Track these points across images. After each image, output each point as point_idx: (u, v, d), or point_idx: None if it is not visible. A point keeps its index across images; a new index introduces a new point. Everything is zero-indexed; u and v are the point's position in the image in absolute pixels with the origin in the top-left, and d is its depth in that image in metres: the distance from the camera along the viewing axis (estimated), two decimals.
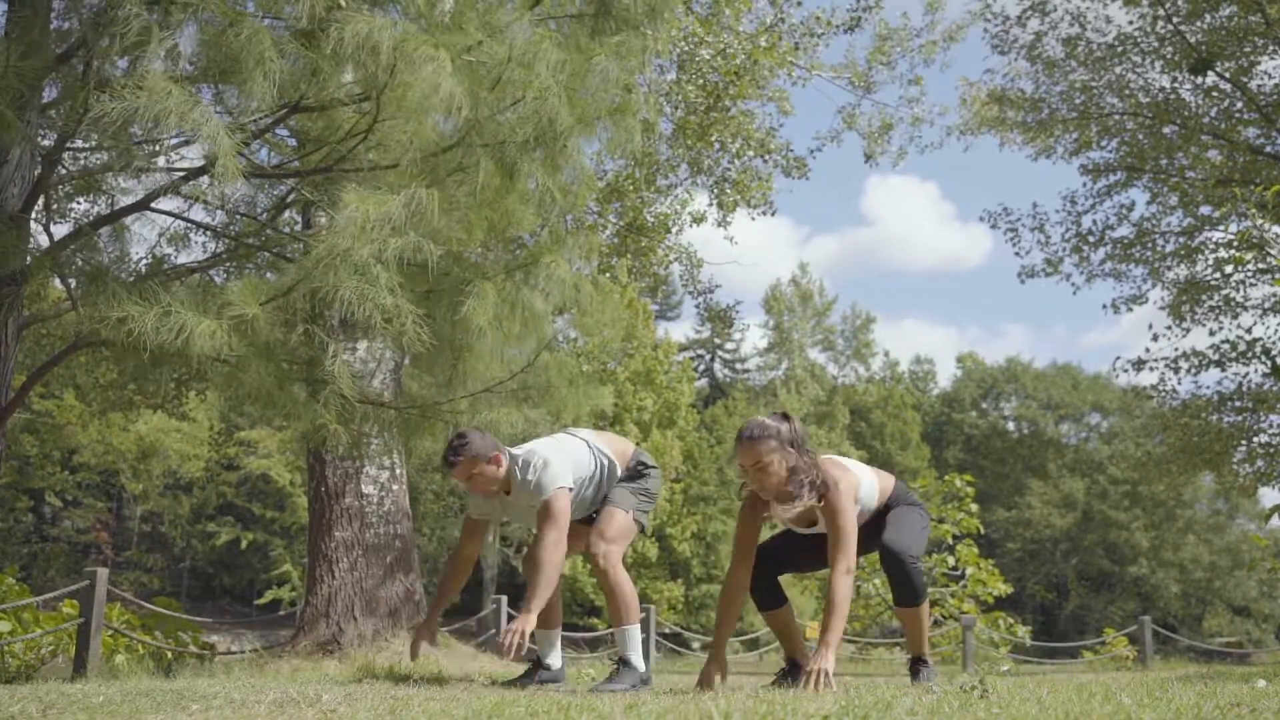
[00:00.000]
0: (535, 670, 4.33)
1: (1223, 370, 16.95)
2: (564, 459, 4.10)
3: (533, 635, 4.46)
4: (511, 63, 4.51)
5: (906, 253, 74.86)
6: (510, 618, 9.95)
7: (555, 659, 4.37)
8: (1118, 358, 32.99)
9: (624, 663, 4.05)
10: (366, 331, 5.31)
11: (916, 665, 3.93)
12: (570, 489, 4.06)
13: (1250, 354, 16.54)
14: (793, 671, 4.03)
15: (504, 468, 4.08)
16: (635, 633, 4.11)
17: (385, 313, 4.18)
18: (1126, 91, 16.78)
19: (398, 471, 7.94)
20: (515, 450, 4.18)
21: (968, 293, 78.38)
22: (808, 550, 4.00)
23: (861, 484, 3.90)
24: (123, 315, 3.85)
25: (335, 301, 4.11)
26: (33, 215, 5.04)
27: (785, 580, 4.21)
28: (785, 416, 3.85)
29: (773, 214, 13.26)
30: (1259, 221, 15.30)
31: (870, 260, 75.83)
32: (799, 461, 3.71)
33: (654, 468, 4.39)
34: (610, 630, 4.16)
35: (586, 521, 4.30)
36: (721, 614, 4.00)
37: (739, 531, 4.01)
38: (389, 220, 4.13)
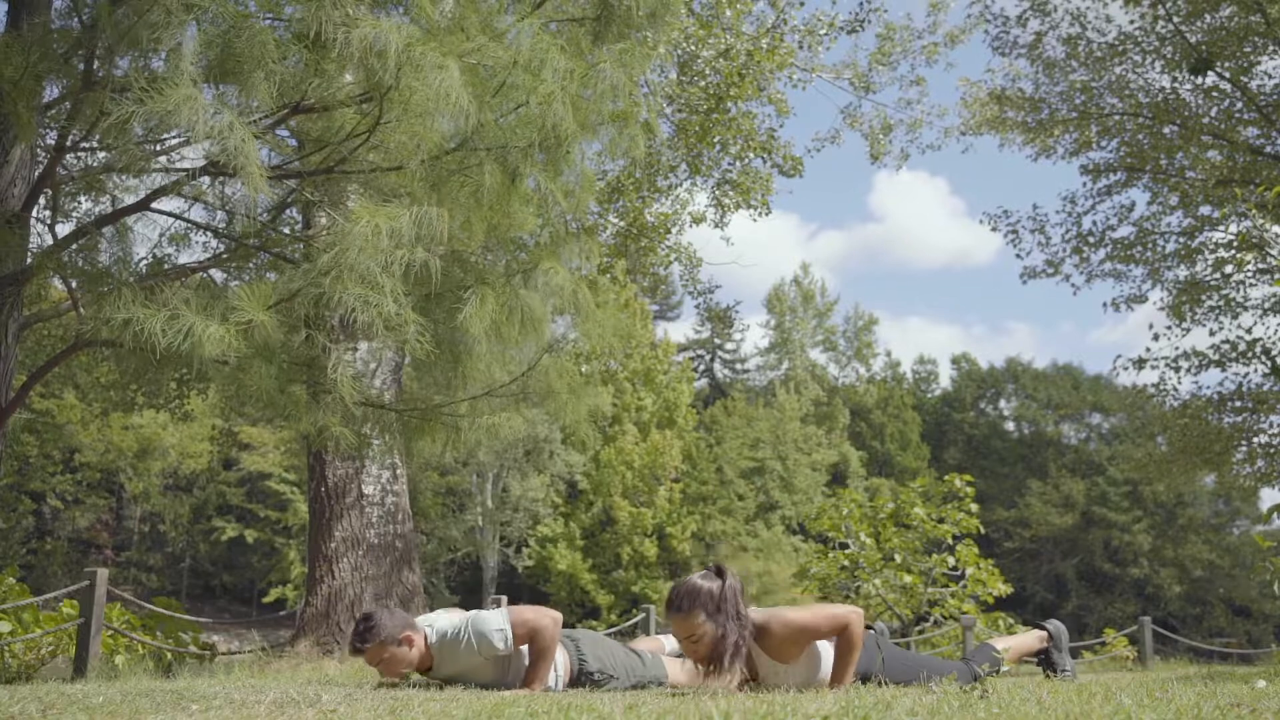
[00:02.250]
0: None
1: (1223, 370, 16.96)
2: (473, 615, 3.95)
3: None
4: (518, 68, 4.52)
5: (914, 249, 74.45)
6: None
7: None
8: (1118, 356, 32.92)
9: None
10: (367, 334, 5.31)
11: (1042, 655, 4.12)
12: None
13: (1250, 354, 16.54)
14: None
15: (416, 647, 3.92)
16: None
17: (388, 320, 4.18)
18: (1126, 92, 16.78)
19: (399, 471, 7.95)
20: (430, 622, 4.02)
21: (974, 290, 78.19)
22: None
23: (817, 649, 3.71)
24: (128, 317, 3.85)
25: (339, 308, 4.12)
26: (35, 215, 5.05)
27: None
28: (719, 572, 3.61)
29: (768, 214, 13.27)
30: (1259, 222, 15.30)
31: (878, 257, 75.65)
32: (727, 629, 3.50)
33: (602, 672, 4.06)
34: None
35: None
36: None
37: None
38: (397, 235, 4.14)
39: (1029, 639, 4.39)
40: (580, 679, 4.03)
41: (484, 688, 3.82)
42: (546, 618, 3.82)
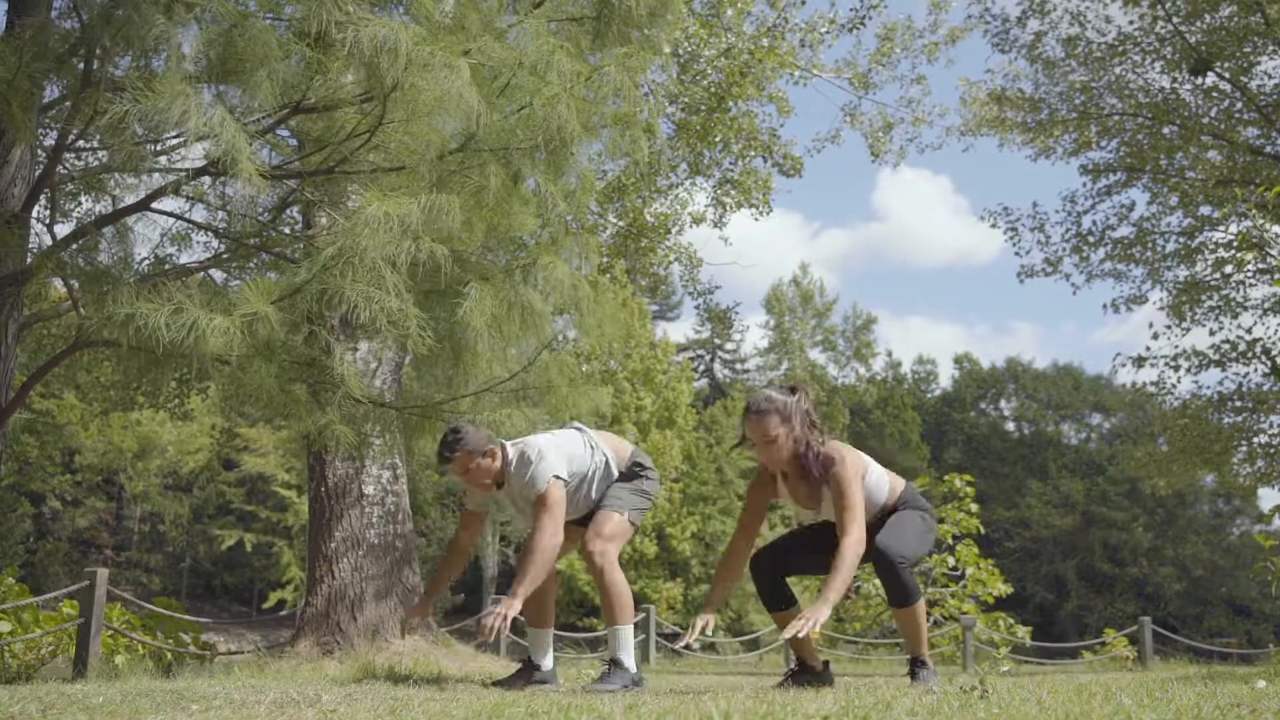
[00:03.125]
0: (527, 671, 4.31)
1: (1223, 370, 16.96)
2: (559, 452, 4.13)
3: (523, 631, 4.47)
4: (522, 69, 4.52)
5: (917, 248, 73.84)
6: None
7: (547, 660, 4.35)
8: (1117, 355, 32.82)
9: (615, 663, 4.01)
10: (368, 332, 5.31)
11: (915, 666, 3.89)
12: (565, 481, 4.09)
13: (1250, 354, 16.54)
14: (801, 672, 4.02)
15: (499, 461, 4.12)
16: (627, 633, 4.09)
17: (391, 316, 4.19)
18: (1126, 92, 16.79)
19: (399, 471, 7.94)
20: (511, 444, 4.21)
21: (977, 289, 77.98)
22: (813, 550, 3.98)
23: (870, 470, 3.90)
24: (131, 312, 3.85)
25: (341, 303, 4.12)
26: (35, 215, 5.05)
27: (791, 583, 4.19)
28: (794, 389, 3.83)
29: (769, 214, 13.27)
30: (1259, 222, 15.30)
31: (881, 255, 75.38)
32: (805, 435, 3.73)
33: (651, 469, 4.40)
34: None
35: (582, 522, 4.31)
36: (718, 577, 4.07)
37: (746, 504, 4.06)
38: (405, 223, 4.15)
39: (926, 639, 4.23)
40: (632, 469, 4.33)
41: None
42: (553, 513, 4.01)
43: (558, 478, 4.05)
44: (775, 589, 4.02)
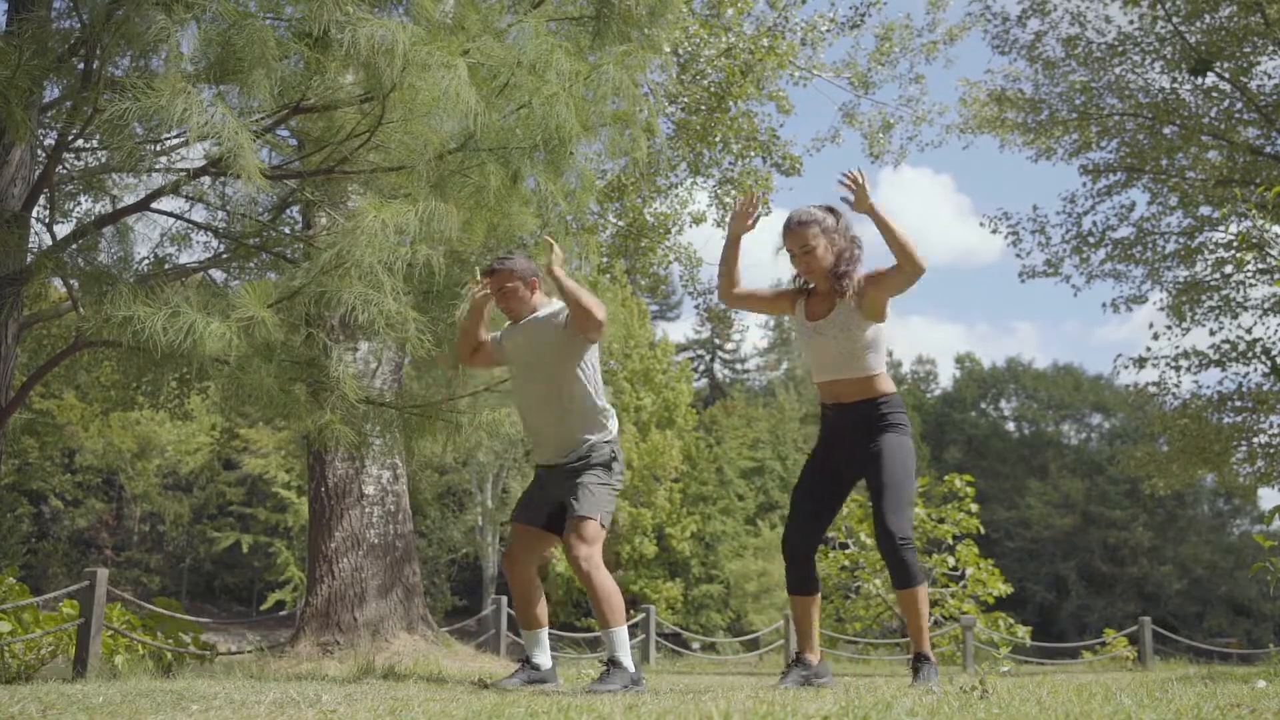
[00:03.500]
0: (524, 669, 4.30)
1: (1223, 370, 16.97)
2: None
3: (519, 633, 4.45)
4: (521, 68, 4.52)
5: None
6: (511, 619, 9.95)
7: (544, 659, 4.32)
8: (1118, 355, 32.80)
9: (614, 663, 3.97)
10: (367, 333, 5.32)
11: (918, 663, 3.87)
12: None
13: (1250, 354, 16.54)
14: (798, 665, 4.02)
15: (536, 296, 4.27)
16: (623, 634, 4.05)
17: (389, 319, 4.19)
18: (1126, 92, 16.79)
19: (399, 471, 7.94)
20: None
21: (979, 289, 77.90)
22: (831, 497, 4.05)
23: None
24: (129, 315, 3.85)
25: (340, 306, 4.12)
26: (35, 215, 5.05)
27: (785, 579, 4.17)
28: (831, 210, 4.04)
29: (768, 214, 13.27)
30: (1259, 222, 15.30)
31: (882, 255, 75.27)
32: (845, 247, 3.99)
33: (618, 455, 4.31)
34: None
35: (549, 523, 4.25)
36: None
37: (760, 290, 4.28)
38: (403, 230, 4.16)
39: (927, 632, 4.20)
40: (611, 455, 4.26)
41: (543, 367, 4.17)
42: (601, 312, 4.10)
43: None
44: (804, 573, 4.03)
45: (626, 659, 4.00)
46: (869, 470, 3.90)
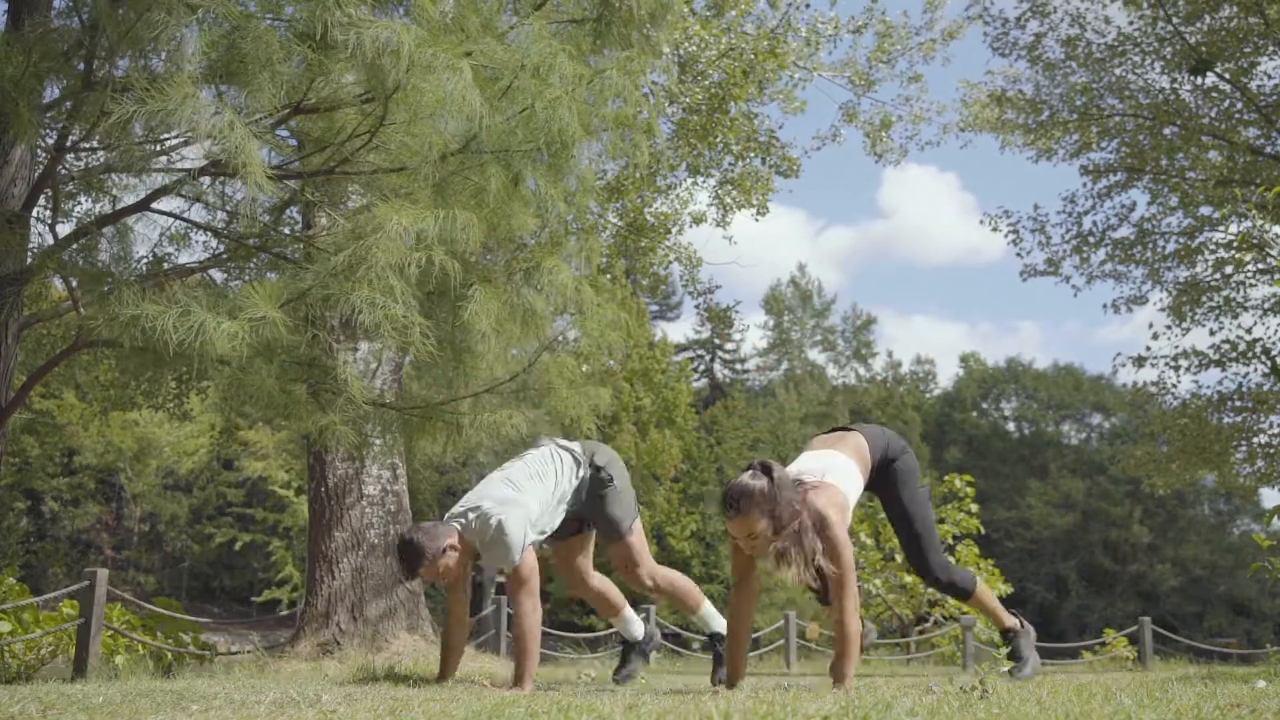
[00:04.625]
0: (631, 651, 4.53)
1: (1223, 370, 16.97)
2: (519, 507, 4.01)
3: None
4: (525, 71, 4.52)
5: (923, 246, 72.84)
6: (510, 618, 9.95)
7: (637, 629, 4.55)
8: (1117, 354, 32.78)
9: (714, 638, 4.27)
10: (370, 334, 5.32)
11: (1008, 637, 4.12)
12: (537, 536, 4.05)
13: (1250, 354, 16.54)
14: (712, 642, 4.34)
15: (463, 547, 4.04)
16: (709, 609, 4.33)
17: (395, 323, 4.19)
18: (1127, 93, 16.79)
19: (399, 471, 7.94)
20: (467, 508, 4.10)
21: (982, 288, 77.57)
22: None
23: (849, 492, 3.82)
24: (136, 314, 3.85)
25: (346, 308, 4.13)
26: (35, 215, 5.05)
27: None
28: (765, 468, 3.59)
29: (767, 214, 13.28)
30: (1259, 222, 15.29)
31: (885, 253, 74.88)
32: (787, 521, 3.51)
33: (611, 465, 4.32)
34: (611, 630, 4.24)
35: (562, 534, 4.33)
36: (730, 652, 3.93)
37: (734, 564, 3.86)
38: (421, 236, 4.16)
39: (1003, 611, 4.30)
40: (596, 474, 4.26)
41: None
42: (529, 585, 3.95)
43: (527, 549, 3.95)
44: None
45: (721, 624, 4.27)
46: (891, 508, 4.11)
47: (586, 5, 5.42)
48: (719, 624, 4.29)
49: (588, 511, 4.27)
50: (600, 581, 4.50)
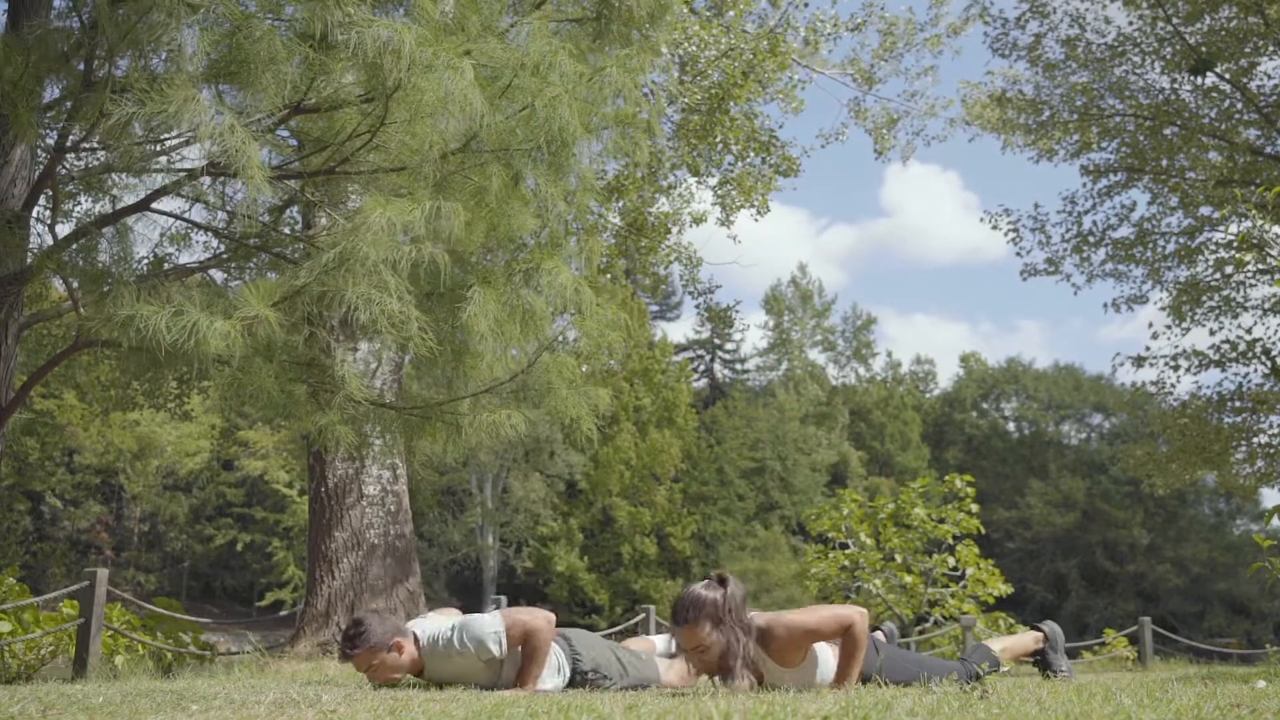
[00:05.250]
0: None
1: (1223, 370, 16.97)
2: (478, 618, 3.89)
3: None
4: (525, 70, 4.52)
5: (925, 244, 72.71)
6: None
7: None
8: (1116, 354, 32.75)
9: None
10: (368, 333, 5.32)
11: (1038, 658, 4.26)
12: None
13: (1250, 354, 16.54)
14: None
15: (407, 653, 3.88)
16: None
17: (391, 318, 4.18)
18: (1127, 93, 16.79)
19: (399, 471, 7.94)
20: (422, 625, 3.99)
21: (984, 287, 77.28)
22: None
23: (817, 648, 3.72)
24: (131, 314, 3.85)
25: (342, 305, 4.12)
26: (35, 215, 5.05)
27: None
28: (721, 581, 3.58)
29: (767, 213, 13.29)
30: (1259, 222, 15.30)
31: (887, 252, 74.65)
32: (733, 637, 3.50)
33: (596, 672, 4.00)
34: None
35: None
36: None
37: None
38: (409, 229, 4.15)
39: (1025, 640, 4.38)
40: (575, 679, 3.98)
41: (479, 688, 3.79)
42: (540, 618, 3.78)
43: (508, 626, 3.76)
44: None
45: None
46: None
47: (586, 4, 5.42)
48: None
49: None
50: None
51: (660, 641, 4.47)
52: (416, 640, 3.94)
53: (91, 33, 4.29)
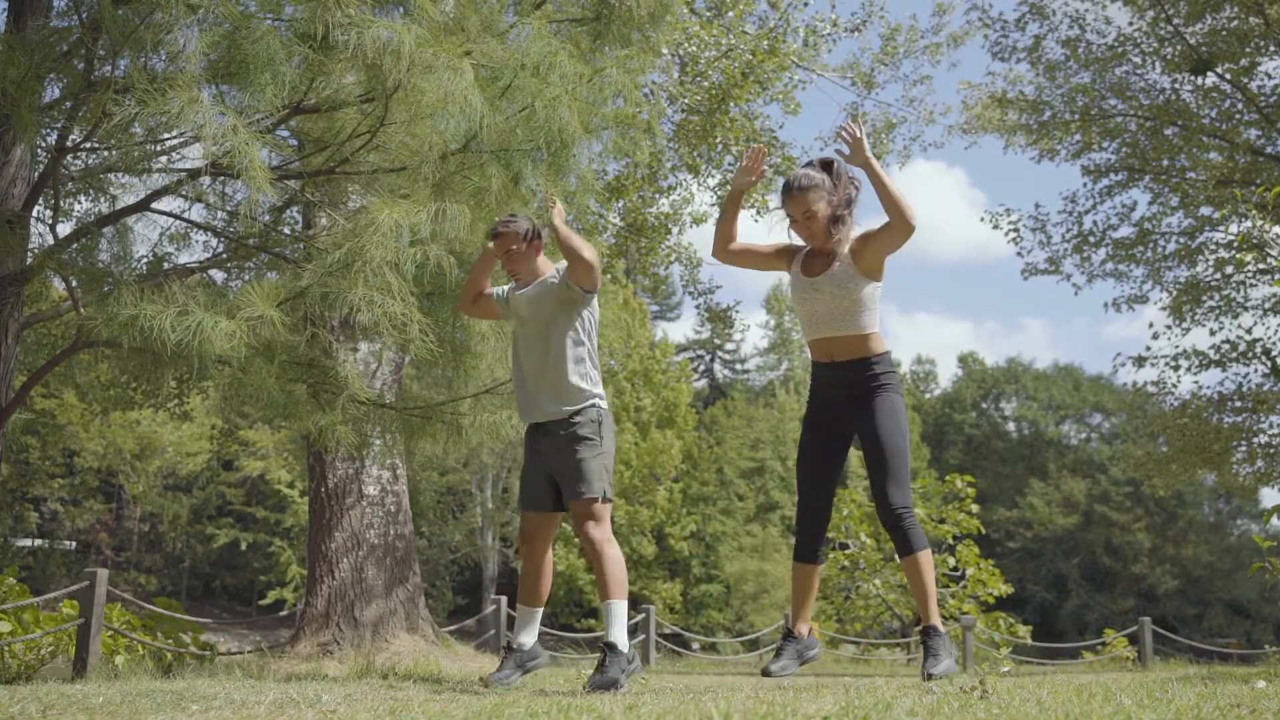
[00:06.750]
0: (511, 657, 4.20)
1: (1223, 370, 16.97)
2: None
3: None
4: (525, 70, 4.53)
5: (931, 242, 72.41)
6: (510, 619, 9.94)
7: (529, 638, 4.25)
8: (1117, 354, 32.74)
9: (609, 648, 3.88)
10: (369, 333, 5.32)
11: (927, 637, 3.86)
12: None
13: (1250, 354, 16.55)
14: (790, 640, 4.06)
15: (540, 258, 4.25)
16: (621, 608, 3.98)
17: (394, 320, 4.19)
18: (1128, 93, 16.79)
19: (399, 472, 7.94)
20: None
21: (989, 285, 76.97)
22: (827, 451, 4.08)
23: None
24: (134, 314, 3.85)
25: (344, 306, 4.12)
26: (35, 215, 5.05)
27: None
28: (828, 165, 4.01)
29: (768, 211, 13.28)
30: (1259, 222, 15.30)
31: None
32: (842, 208, 3.97)
33: (604, 418, 4.23)
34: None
35: (536, 504, 4.22)
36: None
37: (760, 246, 4.24)
38: (414, 230, 4.16)
39: (934, 605, 4.14)
40: (598, 417, 4.22)
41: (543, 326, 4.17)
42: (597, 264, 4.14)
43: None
44: (812, 542, 4.08)
45: (621, 637, 3.93)
46: (865, 437, 3.96)
47: (586, 4, 5.43)
48: (618, 631, 3.90)
49: (563, 465, 4.12)
50: (549, 568, 4.39)
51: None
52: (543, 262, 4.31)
53: (92, 32, 4.29)
